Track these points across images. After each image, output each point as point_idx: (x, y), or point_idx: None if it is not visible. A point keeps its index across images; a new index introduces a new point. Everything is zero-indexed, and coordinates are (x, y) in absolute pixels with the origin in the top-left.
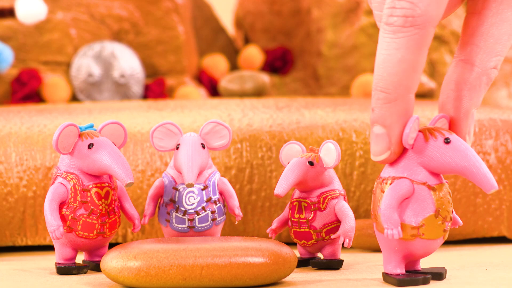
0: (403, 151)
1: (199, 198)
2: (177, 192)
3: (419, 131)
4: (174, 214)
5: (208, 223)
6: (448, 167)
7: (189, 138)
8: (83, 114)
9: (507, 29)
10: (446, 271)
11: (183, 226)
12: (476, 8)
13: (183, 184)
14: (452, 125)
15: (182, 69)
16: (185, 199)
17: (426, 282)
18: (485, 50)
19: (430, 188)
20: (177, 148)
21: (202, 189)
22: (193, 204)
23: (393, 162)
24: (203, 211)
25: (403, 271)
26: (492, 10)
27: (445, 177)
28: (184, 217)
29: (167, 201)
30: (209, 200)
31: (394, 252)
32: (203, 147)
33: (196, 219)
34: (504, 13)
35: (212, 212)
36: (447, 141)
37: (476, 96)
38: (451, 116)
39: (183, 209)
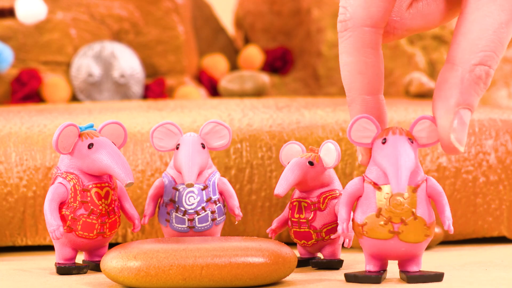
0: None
1: (199, 198)
2: (177, 192)
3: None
4: (174, 214)
5: (208, 223)
6: (379, 166)
7: (189, 138)
8: (83, 114)
9: (490, 23)
10: (423, 276)
11: (183, 226)
12: (460, 8)
13: (183, 184)
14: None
15: (182, 69)
16: (185, 199)
17: (367, 281)
18: (466, 47)
19: (376, 187)
20: (177, 148)
21: (202, 189)
22: (193, 204)
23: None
24: (203, 211)
25: (373, 269)
26: (471, 7)
27: (445, 177)
28: (184, 217)
29: (167, 201)
30: (209, 200)
31: (363, 250)
32: (203, 147)
33: (196, 219)
34: (484, 8)
35: (212, 212)
36: (383, 141)
37: (458, 94)
38: (435, 116)
39: (183, 209)
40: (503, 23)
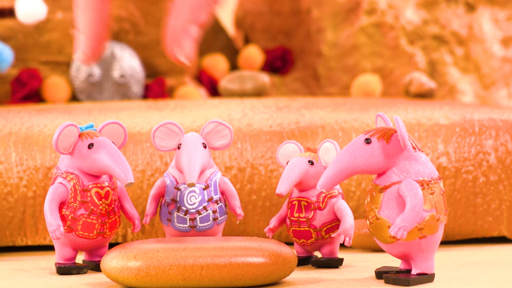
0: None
1: (200, 197)
2: (179, 191)
3: None
4: (175, 213)
5: (209, 223)
6: None
7: (191, 138)
8: (83, 114)
9: None
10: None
11: (185, 225)
12: None
13: (184, 183)
14: None
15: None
16: (187, 199)
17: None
18: None
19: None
20: (179, 148)
21: (204, 189)
22: (194, 203)
23: None
24: (205, 211)
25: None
26: None
27: (445, 177)
28: (186, 216)
29: (168, 201)
30: (210, 199)
31: None
32: (205, 147)
33: (198, 219)
34: None
35: (214, 212)
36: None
37: (187, 13)
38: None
39: (185, 208)
40: None
